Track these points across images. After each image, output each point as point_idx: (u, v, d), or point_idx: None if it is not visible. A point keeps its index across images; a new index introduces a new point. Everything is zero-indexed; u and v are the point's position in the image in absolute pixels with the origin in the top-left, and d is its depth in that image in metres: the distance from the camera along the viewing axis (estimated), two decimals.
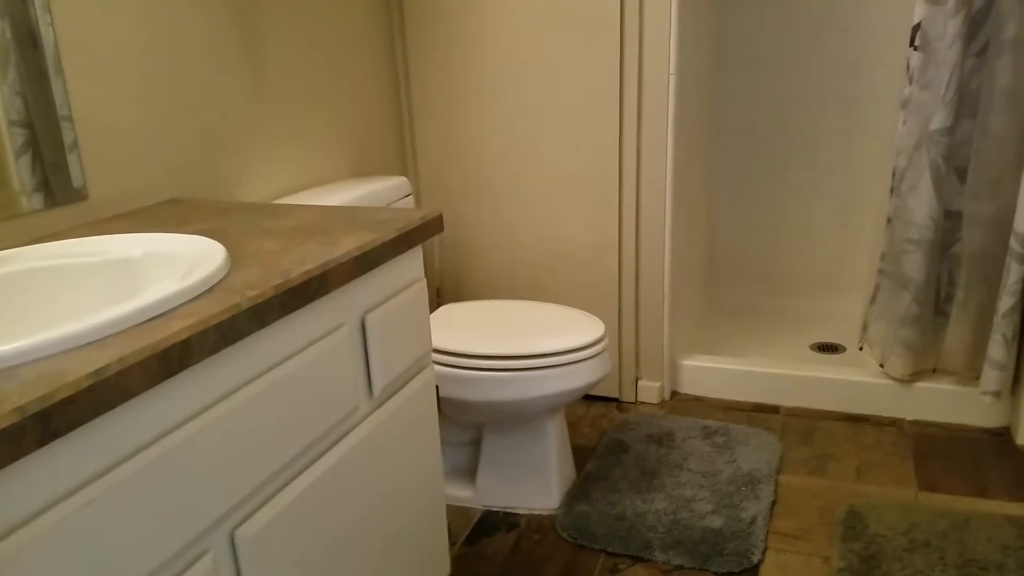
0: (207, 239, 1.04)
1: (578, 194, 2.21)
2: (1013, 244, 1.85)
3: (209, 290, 0.89)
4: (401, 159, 2.33)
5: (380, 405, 1.17)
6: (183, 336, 0.77)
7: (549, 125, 2.18)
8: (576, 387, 1.69)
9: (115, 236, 1.09)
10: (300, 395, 0.97)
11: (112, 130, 1.36)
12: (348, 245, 1.07)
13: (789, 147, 2.87)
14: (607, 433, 2.13)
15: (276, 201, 1.77)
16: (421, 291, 1.28)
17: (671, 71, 2.03)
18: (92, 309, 1.00)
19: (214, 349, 0.80)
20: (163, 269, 1.02)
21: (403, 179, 2.01)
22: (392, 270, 1.20)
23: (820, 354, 2.59)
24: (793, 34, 2.74)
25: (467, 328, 1.79)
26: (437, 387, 1.37)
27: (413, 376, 1.27)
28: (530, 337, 1.72)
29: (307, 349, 0.98)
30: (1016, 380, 2.02)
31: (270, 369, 0.92)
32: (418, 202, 2.39)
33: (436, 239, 2.40)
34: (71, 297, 1.00)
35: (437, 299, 2.45)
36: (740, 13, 2.78)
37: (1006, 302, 1.88)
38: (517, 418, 1.76)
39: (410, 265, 1.25)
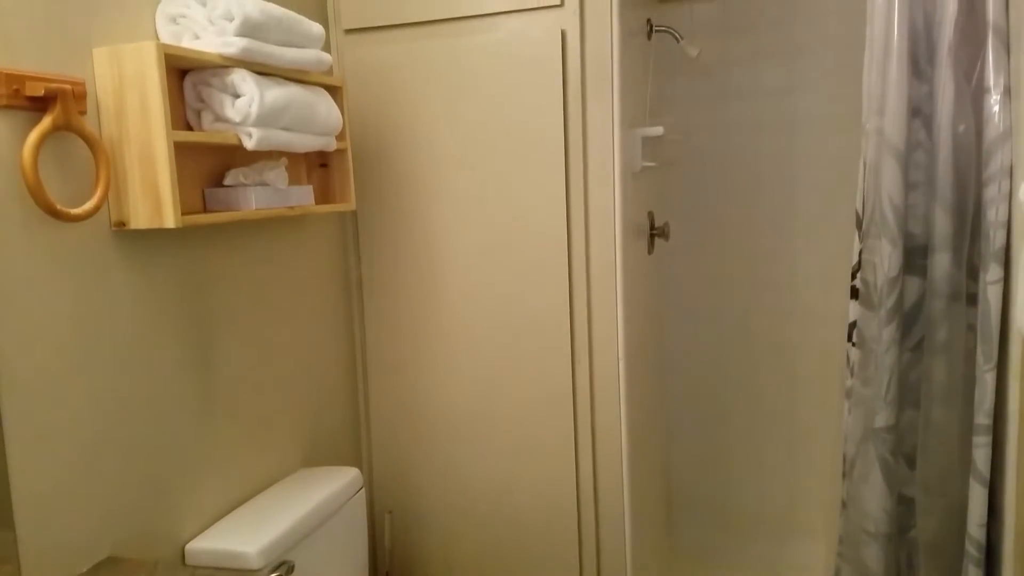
0: None
1: (532, 463, 2.18)
2: (969, 548, 1.85)
3: None
4: (355, 439, 2.30)
5: None
6: None
7: (504, 397, 2.18)
8: None
9: None
10: None
11: (51, 493, 1.31)
12: None
13: (732, 394, 2.94)
14: None
15: (228, 517, 1.71)
16: None
17: (619, 356, 2.08)
18: None
19: None
20: None
21: (355, 472, 1.96)
22: None
23: None
24: (732, 282, 2.88)
25: None
26: None
27: None
28: None
29: None
30: None
31: None
32: (370, 487, 2.34)
33: (387, 517, 2.32)
34: None
35: None
36: (676, 263, 2.91)
37: None
38: None
39: None
